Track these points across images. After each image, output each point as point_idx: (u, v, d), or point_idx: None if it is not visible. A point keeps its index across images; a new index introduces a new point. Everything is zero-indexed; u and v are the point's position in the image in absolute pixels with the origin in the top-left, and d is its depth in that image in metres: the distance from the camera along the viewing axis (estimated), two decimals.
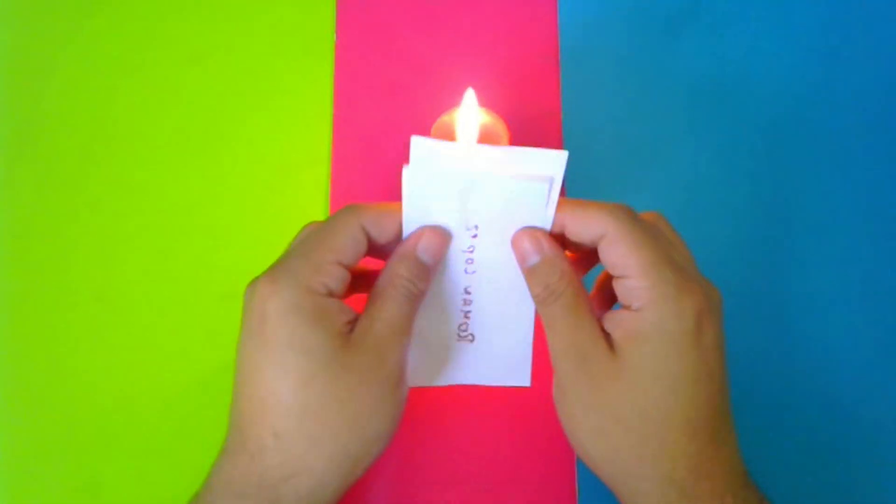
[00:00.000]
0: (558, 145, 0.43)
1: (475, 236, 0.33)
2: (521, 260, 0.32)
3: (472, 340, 0.35)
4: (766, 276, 0.42)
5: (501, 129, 0.37)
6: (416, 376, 0.35)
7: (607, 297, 0.34)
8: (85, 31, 0.45)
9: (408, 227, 0.32)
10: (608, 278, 0.33)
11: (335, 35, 0.45)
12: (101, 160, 0.43)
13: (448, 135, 0.36)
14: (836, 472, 0.39)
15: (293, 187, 0.43)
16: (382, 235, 0.32)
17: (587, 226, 0.31)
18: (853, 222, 0.43)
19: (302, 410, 0.29)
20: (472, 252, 0.33)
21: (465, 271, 0.33)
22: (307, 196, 0.42)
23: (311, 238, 0.31)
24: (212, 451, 0.31)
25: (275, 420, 0.29)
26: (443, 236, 0.32)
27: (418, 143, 0.30)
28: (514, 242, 0.32)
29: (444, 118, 0.37)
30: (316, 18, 0.45)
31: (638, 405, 0.29)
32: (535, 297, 0.32)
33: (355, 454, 0.30)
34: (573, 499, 0.38)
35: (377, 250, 0.33)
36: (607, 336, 0.30)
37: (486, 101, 0.36)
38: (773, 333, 0.41)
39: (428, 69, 0.44)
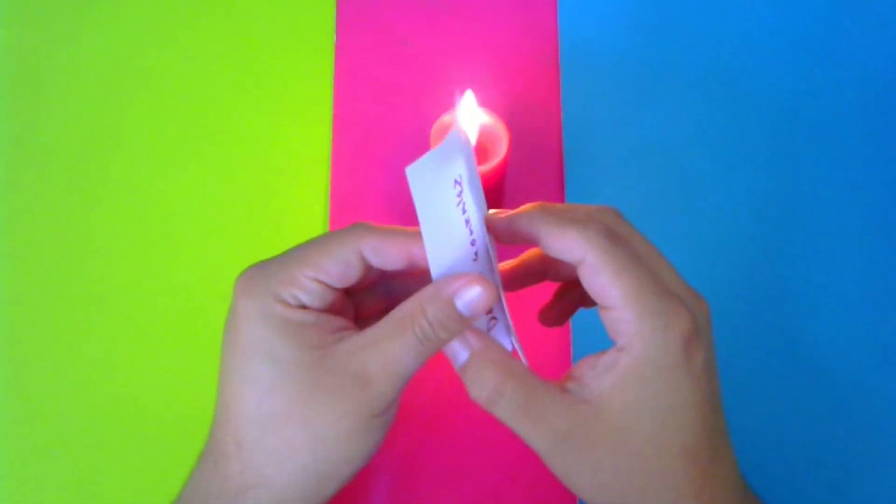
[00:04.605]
0: (558, 145, 0.43)
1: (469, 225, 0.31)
2: (451, 360, 0.29)
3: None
4: (765, 275, 0.42)
5: (501, 129, 0.37)
6: None
7: (568, 307, 0.33)
8: (85, 32, 0.45)
9: (431, 252, 0.29)
10: (563, 287, 0.33)
11: (335, 35, 0.45)
12: (100, 160, 0.43)
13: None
14: (837, 472, 0.39)
15: (293, 187, 0.43)
16: (386, 264, 0.29)
17: (564, 250, 0.28)
18: (854, 222, 0.43)
19: (264, 421, 0.27)
20: (474, 245, 0.32)
21: (473, 260, 0.32)
22: (307, 196, 0.42)
23: (300, 247, 0.29)
24: None
25: (237, 427, 0.28)
26: (493, 293, 0.28)
27: (414, 173, 0.28)
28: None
29: (444, 119, 0.37)
30: (316, 18, 0.45)
31: (634, 449, 0.27)
32: (476, 400, 0.28)
33: (320, 473, 0.28)
34: (573, 498, 0.38)
35: (387, 275, 0.31)
36: (581, 382, 0.28)
37: (485, 102, 0.36)
38: (773, 334, 0.41)
39: (428, 69, 0.44)
